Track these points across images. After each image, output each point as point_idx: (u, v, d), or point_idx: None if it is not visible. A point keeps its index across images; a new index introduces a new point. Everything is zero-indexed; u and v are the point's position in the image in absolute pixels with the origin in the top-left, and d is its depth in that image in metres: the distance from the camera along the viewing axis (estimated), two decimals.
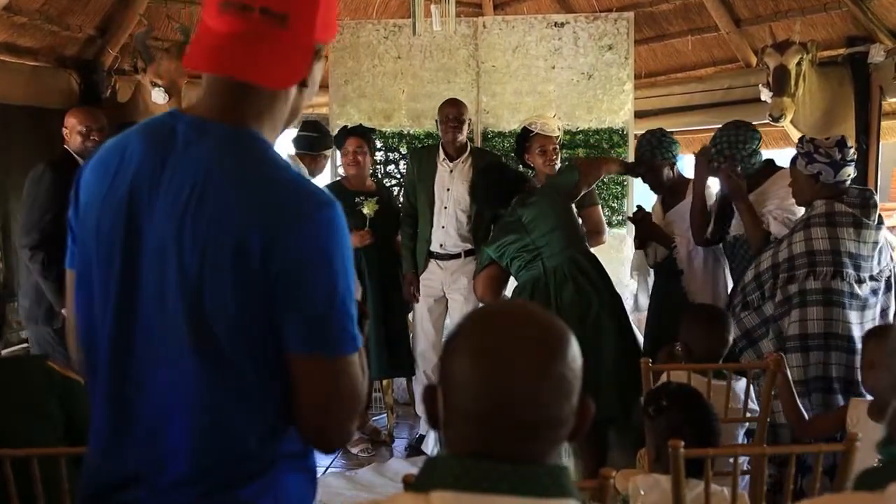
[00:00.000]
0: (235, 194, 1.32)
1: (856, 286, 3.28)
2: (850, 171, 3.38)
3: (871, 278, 3.33)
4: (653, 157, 4.23)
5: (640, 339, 4.32)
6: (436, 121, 4.93)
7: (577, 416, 1.14)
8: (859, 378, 2.97)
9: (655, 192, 4.40)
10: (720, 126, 4.01)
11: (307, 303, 1.32)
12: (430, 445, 4.80)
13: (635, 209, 4.44)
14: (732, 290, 3.90)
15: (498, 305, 1.23)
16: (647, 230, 4.27)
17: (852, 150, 3.37)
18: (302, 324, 1.33)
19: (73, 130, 4.31)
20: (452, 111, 4.80)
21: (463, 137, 4.83)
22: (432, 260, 4.82)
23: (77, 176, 1.50)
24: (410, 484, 1.12)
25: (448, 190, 4.79)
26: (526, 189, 4.15)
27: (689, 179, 4.28)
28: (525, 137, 4.56)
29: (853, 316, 3.26)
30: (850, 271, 3.28)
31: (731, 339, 3.38)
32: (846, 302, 3.26)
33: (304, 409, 1.37)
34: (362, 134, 4.98)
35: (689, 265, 4.12)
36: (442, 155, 4.83)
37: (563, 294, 3.84)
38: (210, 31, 1.36)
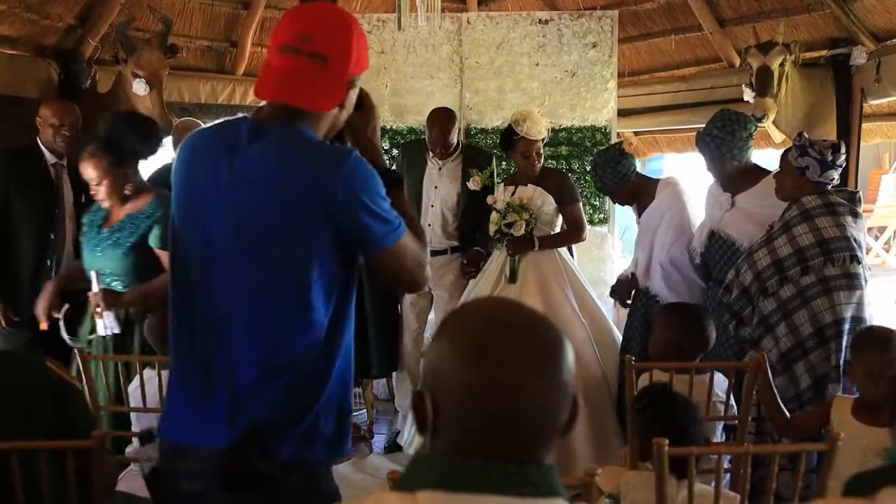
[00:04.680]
0: (292, 167, 1.76)
1: (865, 271, 3.32)
2: (835, 176, 3.40)
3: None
4: (603, 185, 4.30)
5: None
6: (424, 127, 4.88)
7: (569, 414, 1.12)
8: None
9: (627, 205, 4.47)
10: (713, 114, 3.95)
11: (358, 221, 1.76)
12: (405, 439, 4.79)
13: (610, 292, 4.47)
14: (711, 287, 3.91)
15: (487, 306, 1.19)
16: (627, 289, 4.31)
17: (843, 158, 3.40)
18: (357, 238, 1.78)
19: (45, 123, 4.26)
20: (438, 133, 4.72)
21: (453, 142, 4.77)
22: None
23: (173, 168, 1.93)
24: (396, 482, 1.10)
25: (436, 188, 4.77)
26: None
27: (654, 179, 4.30)
28: (511, 135, 4.52)
29: (867, 297, 3.30)
30: (861, 254, 3.31)
31: (712, 337, 3.40)
32: (863, 284, 3.29)
33: (388, 282, 1.98)
34: None
35: (651, 279, 4.11)
36: (431, 152, 4.80)
37: None
38: (271, 68, 1.81)
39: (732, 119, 3.83)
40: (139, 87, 5.01)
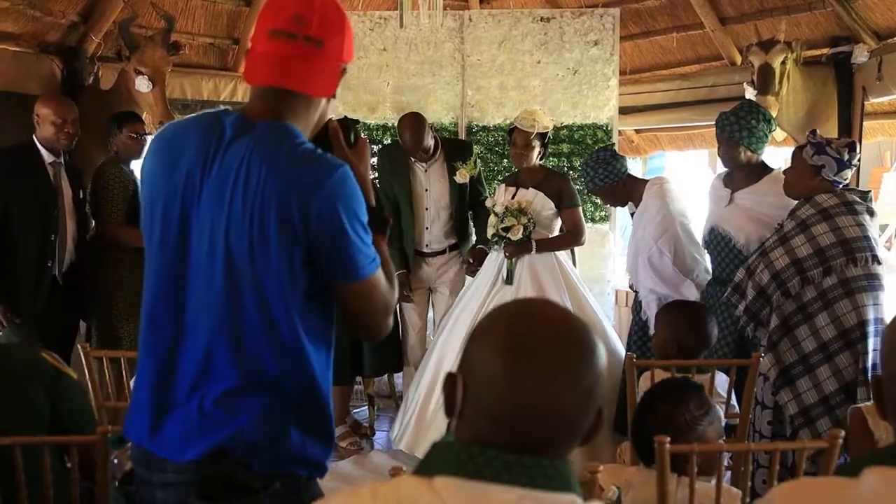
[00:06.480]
0: (273, 173, 1.63)
1: (884, 271, 3.25)
2: (849, 175, 3.33)
3: None
4: (594, 186, 4.25)
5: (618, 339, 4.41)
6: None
7: (593, 423, 1.15)
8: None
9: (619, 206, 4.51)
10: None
11: (333, 240, 1.65)
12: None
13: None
14: (711, 285, 3.92)
15: (534, 306, 1.21)
16: None
17: (858, 157, 3.34)
18: (328, 264, 1.67)
19: (45, 120, 4.23)
20: (411, 139, 4.65)
21: (429, 145, 4.71)
22: (419, 257, 4.81)
23: (143, 163, 1.81)
24: (415, 467, 1.12)
25: (427, 190, 4.77)
26: None
27: (643, 181, 4.30)
28: (511, 130, 4.57)
29: (883, 298, 3.23)
30: (880, 254, 3.24)
31: (713, 336, 3.40)
32: (883, 284, 3.22)
33: (351, 321, 1.77)
34: None
35: (638, 282, 4.16)
36: (412, 157, 4.77)
37: None
38: (260, 55, 1.71)
39: (759, 110, 3.85)
40: (142, 84, 5.02)
